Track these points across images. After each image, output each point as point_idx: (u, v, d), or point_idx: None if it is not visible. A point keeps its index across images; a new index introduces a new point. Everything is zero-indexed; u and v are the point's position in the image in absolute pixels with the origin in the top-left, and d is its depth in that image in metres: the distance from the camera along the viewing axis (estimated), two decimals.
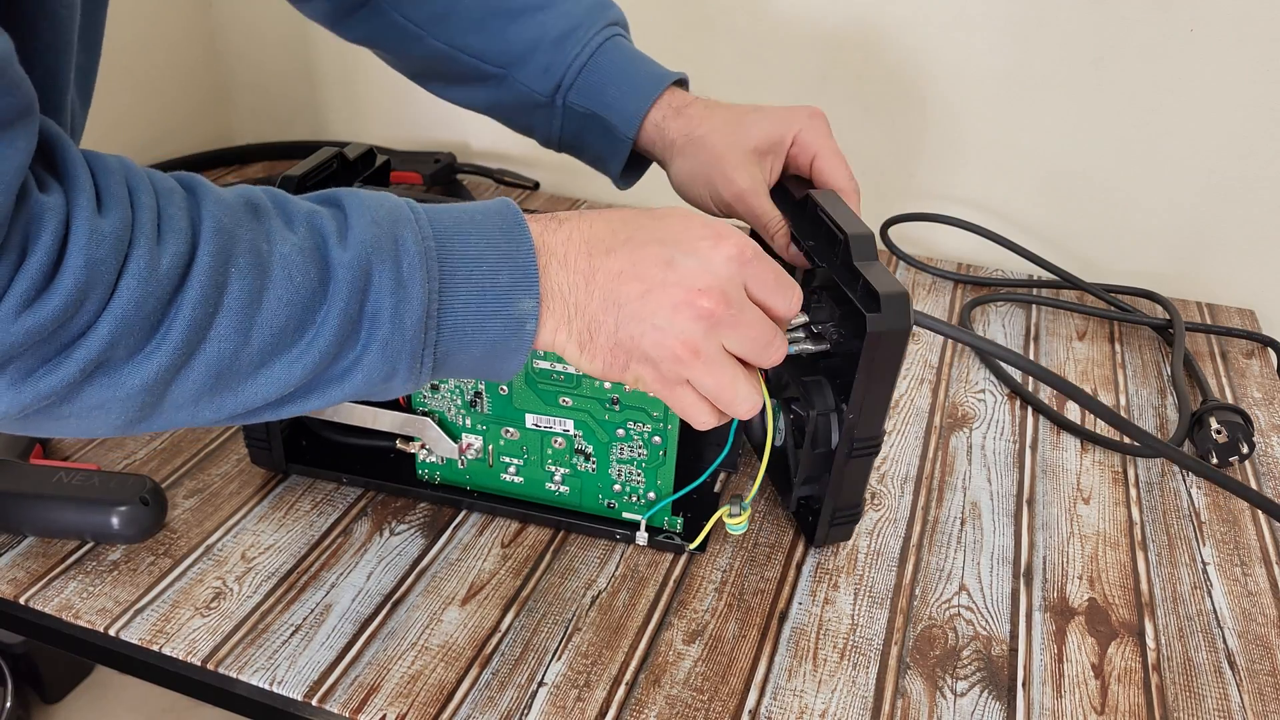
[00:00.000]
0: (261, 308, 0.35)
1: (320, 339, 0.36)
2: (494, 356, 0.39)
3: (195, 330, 0.34)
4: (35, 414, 0.34)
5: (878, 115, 0.87)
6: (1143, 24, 0.77)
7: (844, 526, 0.53)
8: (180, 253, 0.33)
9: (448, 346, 0.38)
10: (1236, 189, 0.80)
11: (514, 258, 0.38)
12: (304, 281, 0.36)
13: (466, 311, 0.38)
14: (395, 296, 0.36)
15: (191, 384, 0.35)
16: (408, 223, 0.38)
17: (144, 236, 0.33)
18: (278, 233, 0.36)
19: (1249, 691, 0.48)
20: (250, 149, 1.04)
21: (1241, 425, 0.62)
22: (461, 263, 0.38)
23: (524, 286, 0.38)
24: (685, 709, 0.45)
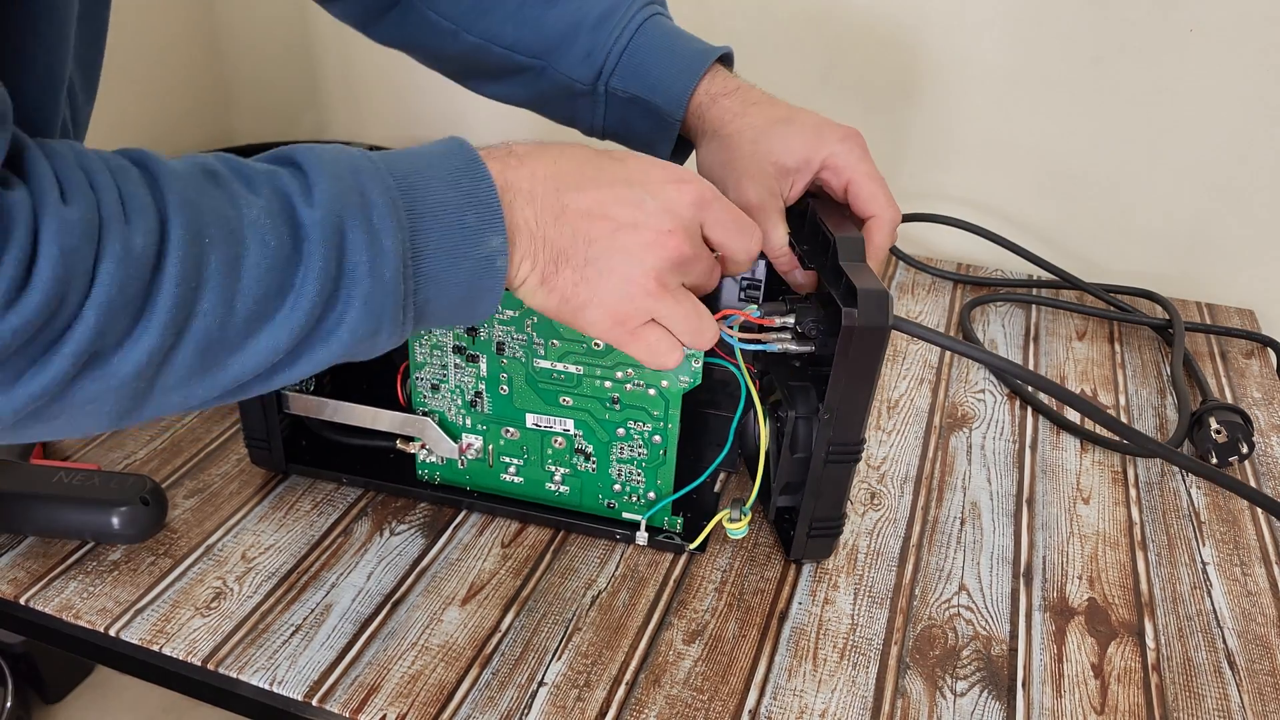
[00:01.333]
0: (241, 276, 0.34)
1: (303, 301, 0.35)
2: (471, 299, 0.39)
3: (180, 307, 0.33)
4: (28, 418, 0.33)
5: (878, 115, 0.87)
6: (1143, 24, 0.77)
7: (822, 540, 0.52)
8: (151, 229, 0.33)
9: (426, 294, 0.38)
10: (1236, 189, 0.80)
11: (477, 196, 0.38)
12: (278, 245, 0.35)
13: (439, 256, 0.38)
14: (370, 251, 0.36)
15: (182, 363, 0.34)
16: (369, 173, 0.37)
17: (113, 220, 0.32)
18: (241, 198, 0.35)
19: (1249, 691, 0.48)
20: (249, 149, 1.04)
21: (1241, 425, 0.62)
22: (427, 208, 0.38)
23: (490, 224, 0.38)
24: (685, 709, 0.45)
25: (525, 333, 0.50)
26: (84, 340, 0.32)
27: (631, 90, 0.57)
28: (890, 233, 0.52)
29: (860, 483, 0.60)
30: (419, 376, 0.53)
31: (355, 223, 0.36)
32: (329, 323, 0.37)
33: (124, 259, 0.32)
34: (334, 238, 0.36)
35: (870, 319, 0.44)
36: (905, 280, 0.86)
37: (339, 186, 0.36)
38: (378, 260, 0.36)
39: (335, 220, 0.36)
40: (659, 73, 0.56)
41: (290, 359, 0.37)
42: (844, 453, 0.48)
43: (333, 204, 0.36)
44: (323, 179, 0.36)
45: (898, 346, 0.75)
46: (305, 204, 0.36)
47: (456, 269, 0.38)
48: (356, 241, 0.36)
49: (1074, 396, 0.51)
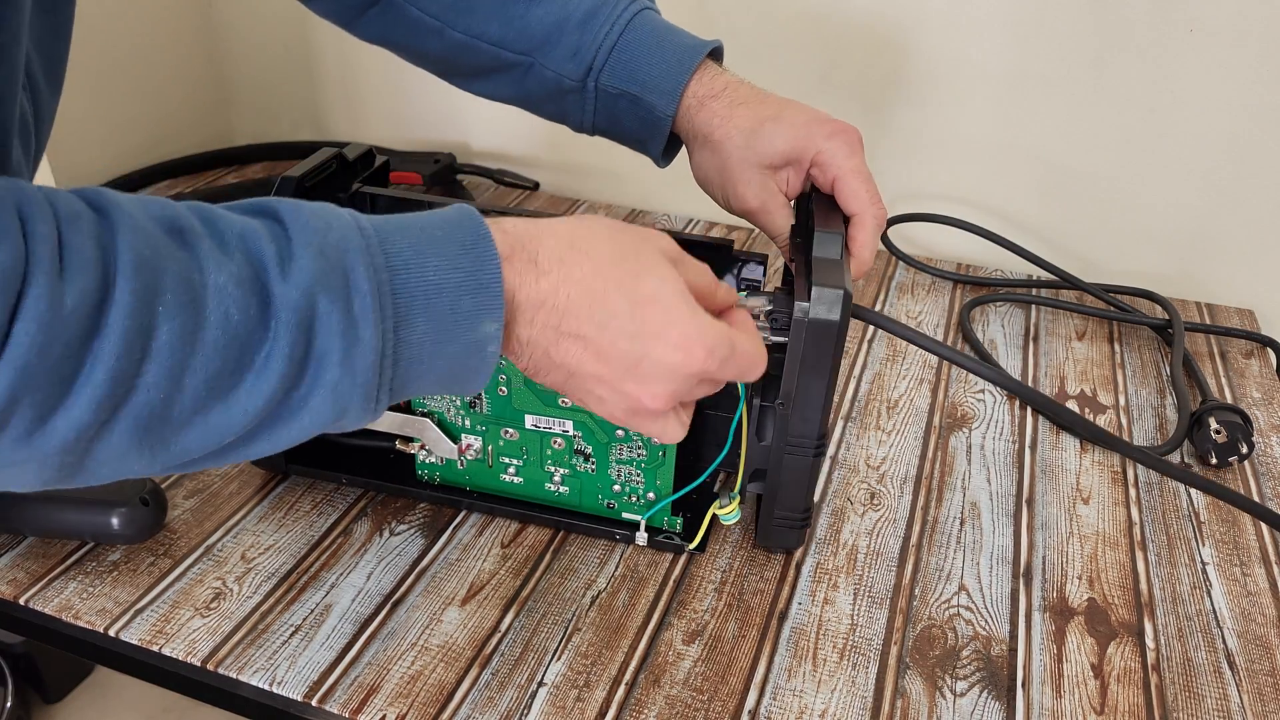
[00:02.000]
0: (196, 350, 0.31)
1: (263, 383, 0.32)
2: (457, 380, 0.37)
3: (118, 382, 0.30)
4: None
5: (878, 115, 0.87)
6: (1143, 24, 0.77)
7: (788, 531, 0.52)
8: (89, 289, 0.29)
9: (404, 379, 0.36)
10: (1236, 189, 0.80)
11: (478, 279, 0.36)
12: (242, 319, 0.32)
13: (424, 344, 0.35)
14: (345, 339, 0.33)
15: (118, 440, 0.31)
16: (358, 252, 0.34)
17: (40, 273, 0.28)
18: (210, 259, 0.32)
19: (1248, 691, 0.48)
20: (250, 149, 1.04)
21: (1241, 425, 0.62)
22: (419, 292, 0.35)
23: (489, 310, 0.36)
24: (685, 709, 0.45)
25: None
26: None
27: (621, 87, 0.56)
28: (873, 230, 0.51)
29: (860, 483, 0.60)
30: None
31: (333, 307, 0.33)
32: (291, 405, 0.34)
33: (49, 320, 0.28)
34: (306, 320, 0.33)
35: (820, 313, 0.44)
36: (905, 280, 0.86)
37: (321, 264, 0.33)
38: (352, 350, 0.34)
39: (310, 301, 0.33)
40: (649, 69, 0.55)
41: (245, 440, 0.34)
42: (802, 446, 0.48)
43: (311, 282, 0.33)
44: (305, 251, 0.33)
45: (897, 347, 0.75)
46: (280, 277, 0.33)
47: (441, 353, 0.36)
48: (330, 327, 0.33)
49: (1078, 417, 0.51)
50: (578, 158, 0.98)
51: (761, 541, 0.54)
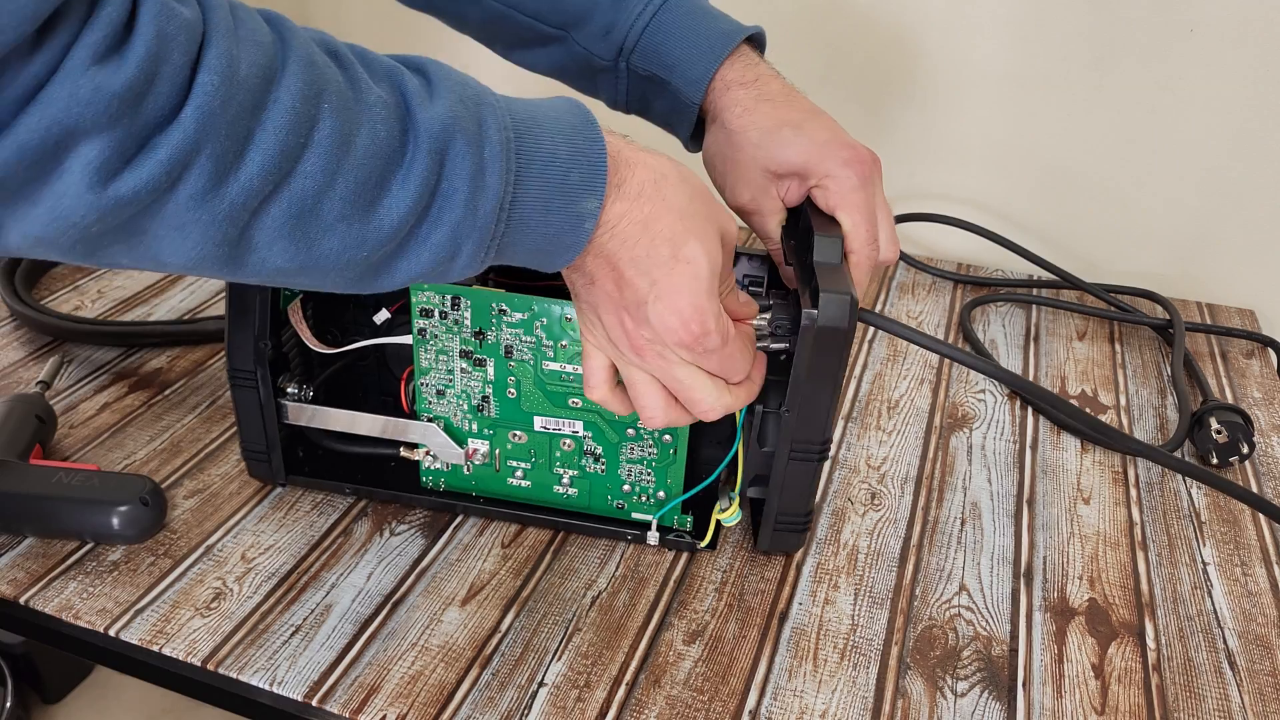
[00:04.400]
0: (349, 154, 0.33)
1: (398, 204, 0.35)
2: (550, 251, 0.40)
3: (284, 157, 0.32)
4: (113, 229, 0.31)
5: (878, 115, 0.87)
6: (1143, 24, 0.77)
7: (790, 534, 0.52)
8: (262, 64, 0.31)
9: (511, 237, 0.38)
10: (1236, 189, 0.80)
11: (587, 155, 0.38)
12: (387, 138, 0.34)
13: (535, 206, 0.38)
14: (473, 182, 0.36)
15: (273, 221, 0.33)
16: (490, 107, 0.37)
17: (220, 35, 0.30)
18: (362, 81, 0.34)
19: (1249, 692, 0.48)
20: None
21: (1241, 425, 0.62)
22: (537, 157, 0.37)
23: (592, 186, 0.38)
24: (685, 709, 0.45)
25: (534, 335, 0.50)
26: (180, 144, 0.30)
27: (651, 70, 0.55)
28: (865, 270, 0.50)
29: (860, 483, 0.60)
30: (424, 382, 0.53)
31: (465, 148, 0.36)
32: (416, 237, 0.36)
33: (227, 75, 0.30)
34: (440, 153, 0.35)
35: (829, 320, 0.44)
36: (905, 280, 0.86)
37: (460, 108, 0.36)
38: (477, 193, 0.36)
39: (446, 134, 0.35)
40: (679, 54, 0.54)
41: (371, 266, 0.36)
42: (807, 451, 0.48)
43: (449, 120, 0.35)
44: (447, 93, 0.36)
45: (898, 347, 0.75)
46: (423, 108, 0.35)
47: (547, 221, 0.38)
48: (461, 167, 0.35)
49: (1078, 410, 0.51)
50: None
51: (762, 546, 0.53)
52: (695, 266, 0.40)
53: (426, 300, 0.50)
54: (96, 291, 0.78)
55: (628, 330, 0.42)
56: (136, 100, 0.29)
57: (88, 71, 0.28)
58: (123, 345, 0.71)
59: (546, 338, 0.50)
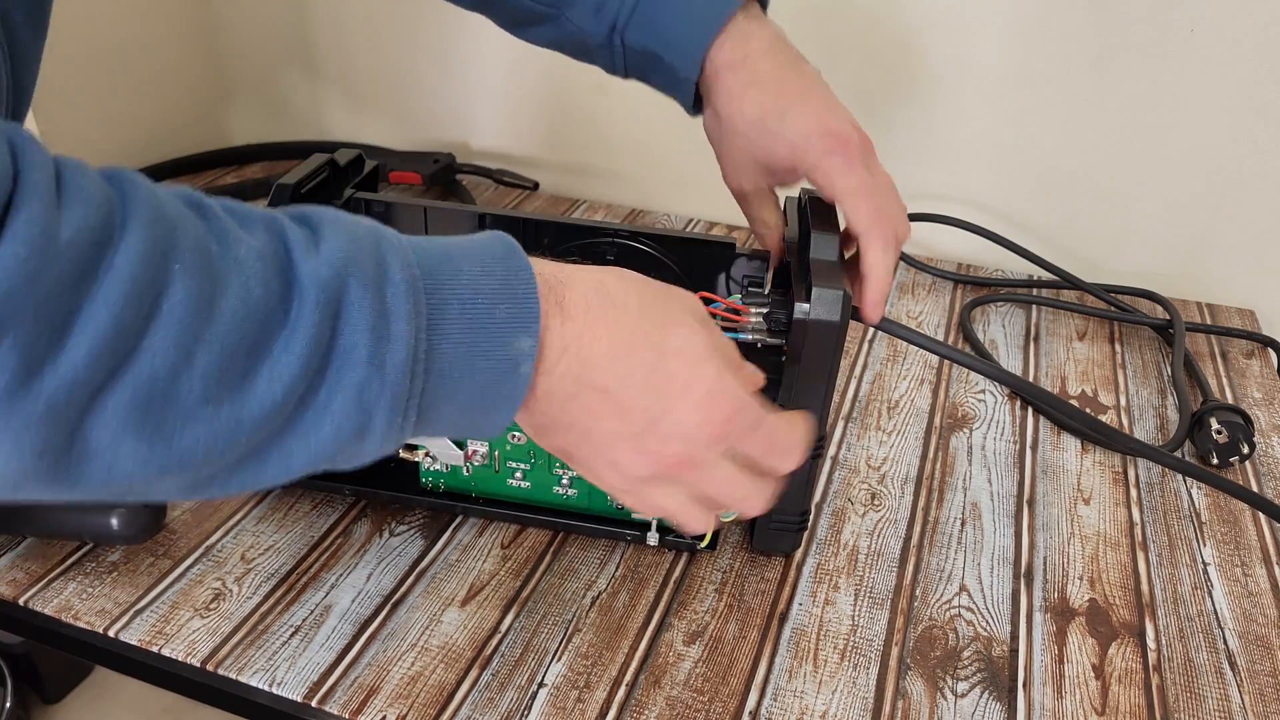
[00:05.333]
0: (211, 321, 0.28)
1: (282, 372, 0.29)
2: (484, 407, 0.34)
3: (120, 335, 0.26)
4: None
5: (879, 115, 0.87)
6: (1143, 24, 0.76)
7: (785, 534, 0.52)
8: (92, 226, 0.26)
9: (433, 395, 0.32)
10: (1236, 189, 0.80)
11: (513, 288, 0.33)
12: (264, 295, 0.28)
13: (457, 353, 0.32)
14: (375, 333, 0.30)
15: (113, 416, 0.27)
16: (391, 243, 0.32)
17: (35, 195, 0.25)
18: (230, 234, 0.29)
19: (1249, 692, 0.48)
20: (249, 149, 1.04)
21: (1242, 425, 0.62)
22: (453, 294, 0.32)
23: (523, 323, 0.33)
24: (685, 710, 0.45)
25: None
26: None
27: (645, 45, 0.54)
28: (881, 250, 0.47)
29: (860, 483, 0.60)
30: None
31: (362, 294, 0.30)
32: (311, 409, 0.30)
33: (42, 245, 0.25)
34: (333, 305, 0.30)
35: (821, 314, 0.44)
36: (905, 280, 0.86)
37: (353, 247, 0.31)
38: (382, 345, 0.30)
39: (339, 284, 0.30)
40: (672, 30, 0.53)
41: (257, 453, 0.30)
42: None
43: (340, 262, 0.30)
44: (335, 235, 0.31)
45: (898, 347, 0.75)
46: (307, 254, 0.30)
47: (474, 369, 0.33)
48: (360, 317, 0.30)
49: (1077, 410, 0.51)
50: (578, 158, 0.98)
51: (758, 546, 0.53)
52: (688, 353, 0.37)
53: None
54: None
55: (654, 454, 0.37)
56: None
57: None
58: None
59: None
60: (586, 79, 0.94)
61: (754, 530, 0.53)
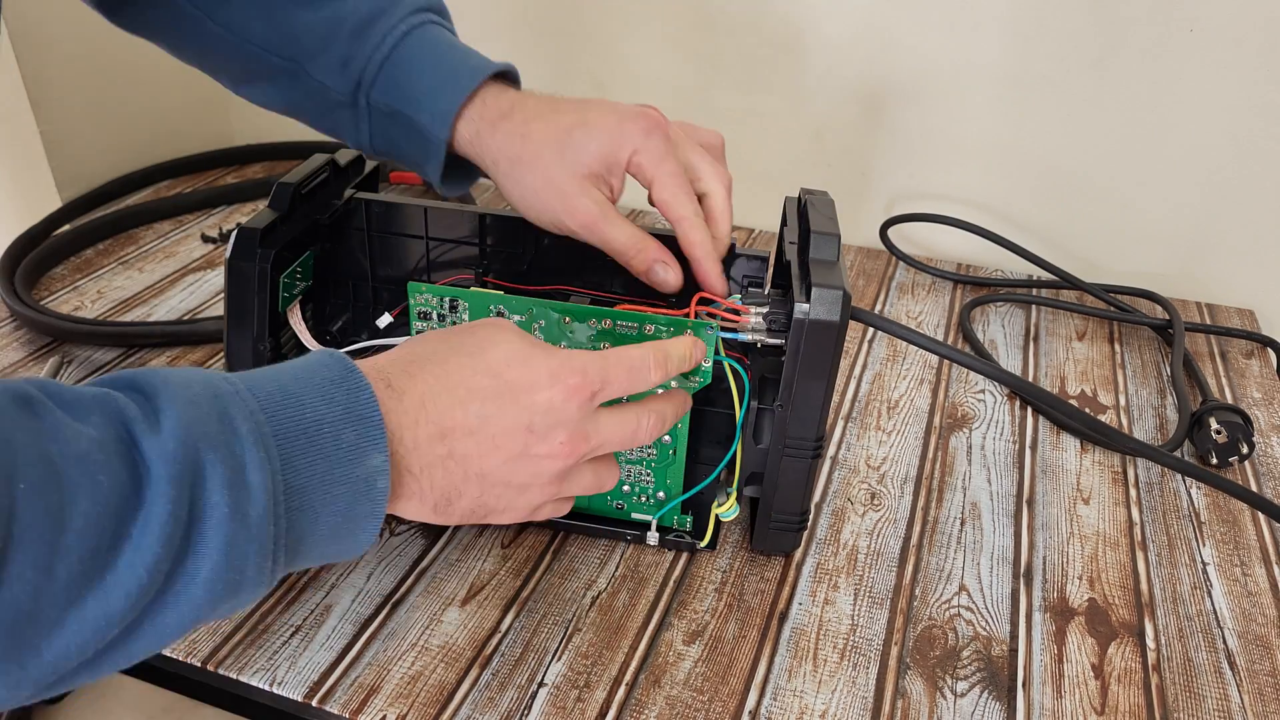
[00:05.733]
0: (65, 530, 0.27)
1: (143, 555, 0.28)
2: (348, 529, 0.34)
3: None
4: None
5: (878, 115, 0.87)
6: (1143, 24, 0.77)
7: (785, 534, 0.52)
8: None
9: (298, 533, 0.33)
10: (1236, 189, 0.80)
11: (354, 410, 0.34)
12: (112, 486, 0.28)
13: (312, 486, 0.32)
14: (232, 489, 0.30)
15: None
16: (230, 396, 0.32)
17: None
18: (65, 428, 0.28)
19: (1249, 692, 0.48)
20: (250, 149, 1.04)
21: (1241, 425, 0.62)
22: (298, 431, 0.32)
23: (371, 440, 0.34)
24: (685, 709, 0.45)
25: (533, 335, 0.50)
26: None
27: (393, 104, 0.52)
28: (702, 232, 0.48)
29: (860, 483, 0.60)
30: None
31: (213, 456, 0.30)
32: (179, 580, 0.30)
33: None
34: (186, 476, 0.29)
35: (821, 313, 0.44)
36: (905, 280, 0.86)
37: (193, 412, 0.30)
38: (241, 499, 0.30)
39: (187, 453, 0.29)
40: (422, 87, 0.51)
41: (128, 633, 0.29)
42: (800, 448, 0.48)
43: (185, 433, 0.30)
44: (173, 403, 0.30)
45: (898, 347, 0.75)
46: (149, 432, 0.29)
47: (332, 496, 0.33)
48: (215, 479, 0.30)
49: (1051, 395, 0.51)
50: None
51: (757, 545, 0.53)
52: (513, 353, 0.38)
53: (424, 303, 0.50)
54: (96, 292, 0.78)
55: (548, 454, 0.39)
56: None
57: None
58: (122, 346, 0.71)
59: (545, 339, 0.50)
60: (586, 79, 0.94)
61: (754, 530, 0.53)
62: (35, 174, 0.85)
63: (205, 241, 0.87)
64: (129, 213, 0.88)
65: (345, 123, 0.54)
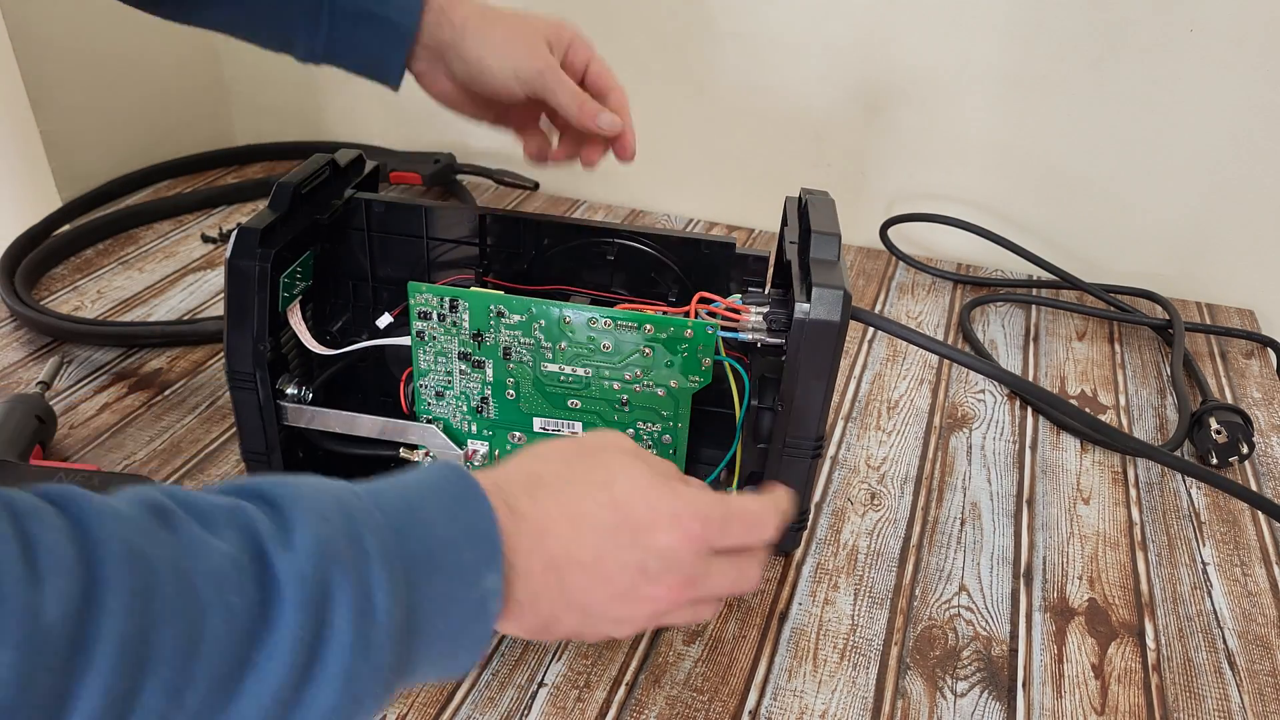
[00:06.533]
0: (199, 655, 0.25)
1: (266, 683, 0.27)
2: (454, 652, 0.33)
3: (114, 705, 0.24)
4: None
5: (878, 115, 0.87)
6: (1143, 24, 0.77)
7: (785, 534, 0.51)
8: (70, 594, 0.23)
9: (413, 654, 0.31)
10: (1236, 189, 0.80)
11: (476, 530, 0.33)
12: (244, 607, 0.26)
13: (431, 605, 0.31)
14: (360, 618, 0.28)
15: None
16: (360, 515, 0.30)
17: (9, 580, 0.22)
18: (200, 542, 0.27)
19: (1249, 692, 0.48)
20: (249, 149, 1.04)
21: (1241, 425, 0.62)
22: (424, 549, 0.31)
23: (488, 560, 0.33)
24: (685, 709, 0.45)
25: (532, 337, 0.50)
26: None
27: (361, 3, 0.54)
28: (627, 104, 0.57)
29: (860, 483, 0.60)
30: (422, 384, 0.53)
31: (344, 579, 0.28)
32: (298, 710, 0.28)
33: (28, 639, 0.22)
34: (316, 599, 0.28)
35: (821, 313, 0.44)
36: (905, 280, 0.86)
37: (327, 530, 0.29)
38: (367, 628, 0.28)
39: (320, 576, 0.28)
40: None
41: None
42: (800, 448, 0.48)
43: (318, 554, 0.28)
44: (305, 520, 0.29)
45: (898, 347, 0.75)
46: (282, 551, 0.28)
47: (448, 616, 0.32)
48: (344, 603, 0.28)
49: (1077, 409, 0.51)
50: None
51: None
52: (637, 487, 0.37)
53: (424, 303, 0.51)
54: (96, 292, 0.78)
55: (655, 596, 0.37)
56: None
57: None
58: (122, 346, 0.71)
59: (545, 339, 0.50)
60: None
61: None
62: (35, 174, 0.85)
63: (205, 241, 0.87)
64: (129, 213, 0.88)
65: (300, 26, 0.55)
